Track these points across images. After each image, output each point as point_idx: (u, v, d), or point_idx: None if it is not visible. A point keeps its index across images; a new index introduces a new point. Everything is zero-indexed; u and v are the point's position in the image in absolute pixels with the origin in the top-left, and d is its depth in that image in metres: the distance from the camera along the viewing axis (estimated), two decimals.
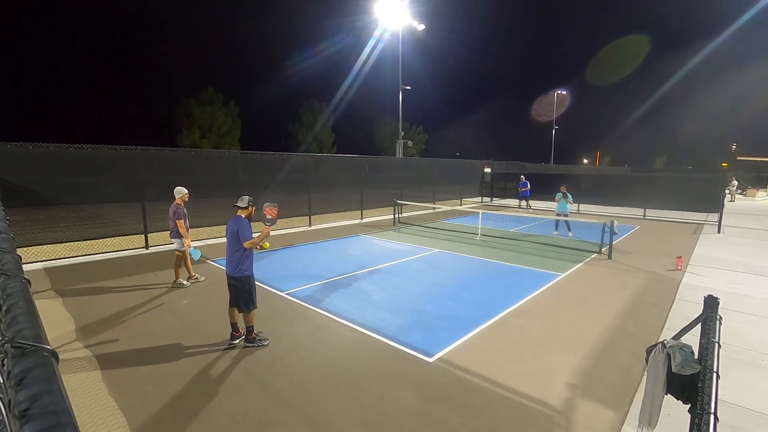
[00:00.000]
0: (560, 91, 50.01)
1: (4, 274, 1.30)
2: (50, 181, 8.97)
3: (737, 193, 29.30)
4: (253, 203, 4.78)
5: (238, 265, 4.59)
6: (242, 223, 4.56)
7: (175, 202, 6.76)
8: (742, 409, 3.51)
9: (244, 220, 4.61)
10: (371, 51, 28.80)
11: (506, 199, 23.95)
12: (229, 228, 4.63)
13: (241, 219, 4.61)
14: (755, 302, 6.19)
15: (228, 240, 4.64)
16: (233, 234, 4.56)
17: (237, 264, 4.59)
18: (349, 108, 44.69)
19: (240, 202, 4.69)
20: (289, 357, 4.45)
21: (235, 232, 4.53)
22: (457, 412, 3.48)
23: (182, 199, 6.80)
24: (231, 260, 4.62)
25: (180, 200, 6.78)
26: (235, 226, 4.55)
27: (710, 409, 1.61)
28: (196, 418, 3.37)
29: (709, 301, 2.20)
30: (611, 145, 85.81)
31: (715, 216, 13.87)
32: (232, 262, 4.60)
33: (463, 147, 72.55)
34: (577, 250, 9.92)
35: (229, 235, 4.62)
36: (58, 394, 0.66)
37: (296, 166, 14.18)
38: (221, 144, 33.80)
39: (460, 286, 6.95)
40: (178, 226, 6.66)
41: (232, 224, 4.60)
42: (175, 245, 6.95)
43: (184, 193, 6.83)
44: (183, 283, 6.95)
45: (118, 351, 4.57)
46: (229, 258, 4.63)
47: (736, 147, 65.33)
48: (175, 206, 6.70)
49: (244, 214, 4.67)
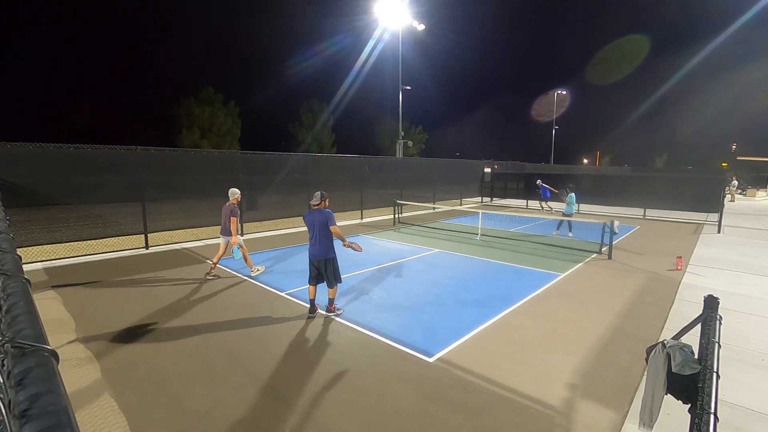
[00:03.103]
0: (560, 91, 50.05)
1: (4, 274, 1.30)
2: (50, 181, 8.96)
3: (737, 193, 29.29)
4: (326, 197, 5.50)
5: (328, 249, 5.41)
6: (328, 213, 5.38)
7: (230, 201, 7.22)
8: (742, 409, 3.51)
9: (326, 209, 5.43)
10: (371, 51, 28.81)
11: (506, 199, 23.95)
12: (314, 219, 5.37)
13: (324, 209, 5.42)
14: (755, 302, 6.19)
15: (316, 229, 5.36)
16: (322, 223, 5.33)
17: (327, 248, 5.40)
18: (349, 108, 44.71)
19: (314, 200, 5.43)
20: (289, 356, 4.45)
21: (324, 221, 5.32)
22: (457, 412, 3.48)
23: (236, 200, 7.28)
24: (320, 246, 5.39)
25: (234, 200, 7.25)
26: (322, 217, 5.33)
27: (710, 409, 1.61)
28: (196, 418, 3.37)
29: (709, 301, 2.20)
30: (611, 145, 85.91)
31: (715, 216, 13.86)
32: (322, 247, 5.39)
33: (463, 147, 72.63)
34: (577, 250, 9.92)
35: (317, 225, 5.35)
36: (58, 394, 0.66)
37: (296, 166, 14.18)
38: (221, 144, 33.78)
39: (460, 286, 6.95)
40: (231, 224, 7.07)
41: (318, 215, 5.36)
42: (220, 240, 7.49)
43: (238, 194, 7.34)
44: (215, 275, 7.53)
45: (118, 351, 4.57)
46: (318, 244, 5.38)
47: (736, 147, 65.36)
48: (231, 206, 7.16)
49: (322, 206, 5.43)
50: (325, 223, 5.35)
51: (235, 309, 5.87)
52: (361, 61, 33.47)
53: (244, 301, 6.20)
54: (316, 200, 5.43)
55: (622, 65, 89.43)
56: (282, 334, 5.01)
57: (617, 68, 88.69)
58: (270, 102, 47.96)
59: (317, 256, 5.42)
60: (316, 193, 5.45)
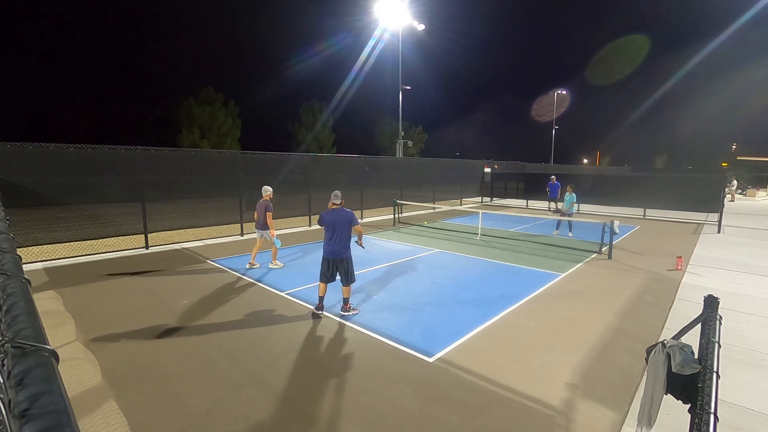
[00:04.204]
0: (560, 91, 50.02)
1: (4, 274, 1.30)
2: (50, 181, 8.96)
3: (737, 193, 29.28)
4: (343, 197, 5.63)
5: (346, 248, 5.48)
6: (351, 213, 5.50)
7: (264, 198, 7.84)
8: (742, 409, 3.51)
9: (348, 209, 5.54)
10: (371, 51, 28.77)
11: (506, 199, 23.95)
12: (337, 218, 5.41)
13: (346, 209, 5.52)
14: (755, 302, 6.19)
15: (338, 227, 5.40)
16: (345, 222, 5.40)
17: (346, 247, 5.47)
18: (349, 108, 44.74)
19: (336, 199, 5.51)
20: (289, 356, 4.45)
21: (348, 220, 5.41)
22: (457, 412, 3.48)
23: (269, 196, 7.89)
24: (341, 244, 5.43)
25: (267, 197, 7.86)
26: (346, 216, 5.42)
27: (710, 409, 1.61)
28: (197, 418, 3.37)
29: (709, 301, 2.20)
30: (611, 145, 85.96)
31: (715, 216, 13.87)
32: (342, 246, 5.44)
33: (463, 147, 72.65)
34: (577, 250, 9.92)
35: (339, 224, 5.39)
36: (58, 394, 0.66)
37: (296, 166, 14.18)
38: (221, 144, 33.80)
39: (460, 286, 6.95)
40: (268, 218, 7.69)
41: (342, 214, 5.43)
42: (255, 235, 8.28)
43: (270, 190, 7.96)
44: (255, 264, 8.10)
45: (119, 351, 4.57)
46: (339, 242, 5.42)
47: (736, 147, 65.34)
48: (265, 202, 7.79)
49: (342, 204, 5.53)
50: (349, 222, 5.42)
51: (236, 309, 5.87)
52: (361, 61, 33.48)
53: (245, 301, 6.20)
54: (338, 199, 5.49)
55: (622, 65, 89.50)
56: (282, 334, 5.01)
57: (617, 68, 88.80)
58: (270, 102, 48.05)
59: (336, 255, 5.42)
60: (337, 192, 5.51)
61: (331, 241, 5.43)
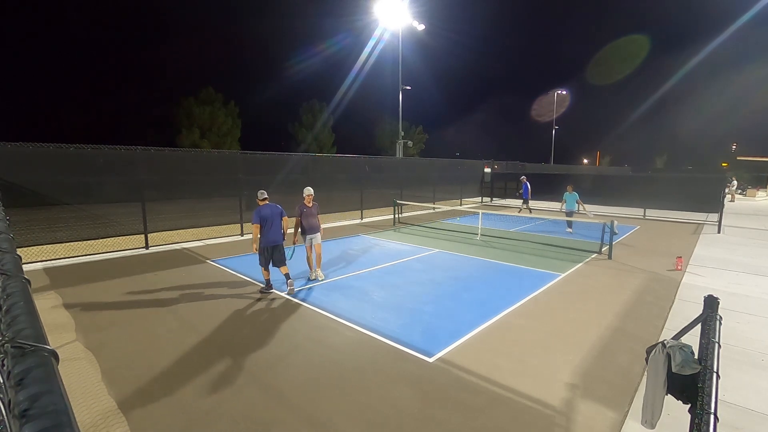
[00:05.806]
0: (560, 91, 50.04)
1: (4, 274, 1.30)
2: (50, 181, 8.97)
3: (737, 193, 29.28)
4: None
5: (280, 235, 6.50)
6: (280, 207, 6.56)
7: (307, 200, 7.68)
8: (742, 409, 3.51)
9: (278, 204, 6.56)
10: (371, 51, 28.79)
11: (506, 199, 23.95)
12: (274, 211, 6.41)
13: (275, 204, 6.53)
14: (755, 302, 6.19)
15: (275, 219, 6.41)
16: (278, 214, 6.46)
17: (281, 235, 6.51)
18: (349, 108, 44.75)
19: (262, 195, 6.48)
20: (290, 357, 4.45)
21: (280, 213, 6.49)
22: (457, 412, 3.48)
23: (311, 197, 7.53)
24: (279, 233, 6.46)
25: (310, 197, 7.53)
26: (278, 209, 6.48)
27: (710, 409, 1.61)
28: (197, 419, 3.37)
29: (709, 301, 2.20)
30: (611, 145, 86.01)
31: (715, 216, 13.87)
32: (277, 235, 6.44)
33: (463, 147, 72.67)
34: (577, 250, 9.92)
35: (275, 216, 6.42)
36: (58, 394, 0.66)
37: (296, 166, 14.18)
38: (221, 144, 33.80)
39: (460, 286, 6.95)
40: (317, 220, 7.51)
41: (275, 208, 6.45)
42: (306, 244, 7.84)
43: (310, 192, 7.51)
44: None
45: (118, 351, 4.57)
46: (275, 232, 6.41)
47: (736, 147, 65.37)
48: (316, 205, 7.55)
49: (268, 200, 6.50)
50: (280, 213, 6.49)
51: (236, 309, 5.87)
52: (361, 61, 33.50)
53: (245, 302, 6.20)
54: (264, 195, 6.48)
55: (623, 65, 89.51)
56: (283, 335, 5.01)
57: (617, 68, 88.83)
58: (270, 102, 48.08)
59: (277, 242, 6.43)
60: (262, 191, 6.53)
61: (273, 231, 6.37)
